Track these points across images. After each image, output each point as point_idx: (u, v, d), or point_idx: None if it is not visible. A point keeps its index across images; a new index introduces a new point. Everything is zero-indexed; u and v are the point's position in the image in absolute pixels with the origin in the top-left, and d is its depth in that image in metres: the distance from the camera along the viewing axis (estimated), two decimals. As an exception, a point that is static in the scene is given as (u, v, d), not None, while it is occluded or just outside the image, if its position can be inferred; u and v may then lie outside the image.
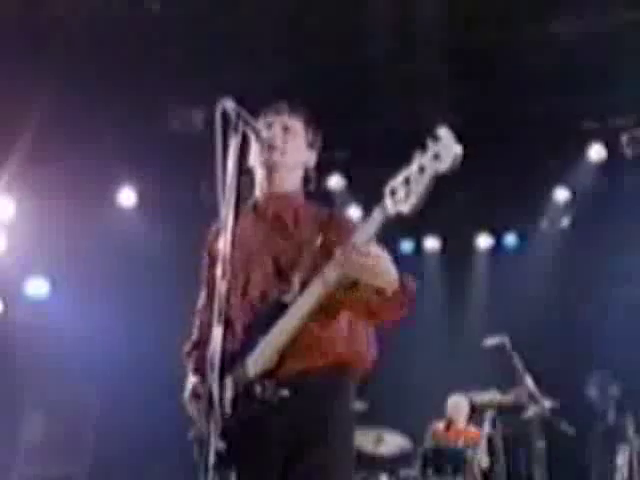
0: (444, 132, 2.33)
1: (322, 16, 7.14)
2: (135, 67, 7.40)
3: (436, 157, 2.32)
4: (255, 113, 2.96)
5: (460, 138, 2.30)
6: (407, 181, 2.38)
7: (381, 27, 7.13)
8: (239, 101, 2.80)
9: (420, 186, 2.36)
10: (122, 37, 7.18)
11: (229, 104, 2.77)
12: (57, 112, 7.48)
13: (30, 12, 6.95)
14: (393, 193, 2.41)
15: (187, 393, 3.07)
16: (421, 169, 2.35)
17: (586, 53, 7.19)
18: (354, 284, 2.67)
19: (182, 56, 7.33)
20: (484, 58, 7.53)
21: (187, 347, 3.25)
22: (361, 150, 8.28)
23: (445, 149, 2.31)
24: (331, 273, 2.63)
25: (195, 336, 3.25)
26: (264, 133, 2.99)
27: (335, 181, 8.93)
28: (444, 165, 2.31)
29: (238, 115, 2.78)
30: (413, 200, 2.38)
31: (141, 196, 9.22)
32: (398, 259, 2.66)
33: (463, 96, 7.73)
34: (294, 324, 2.72)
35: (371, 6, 6.99)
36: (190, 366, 3.16)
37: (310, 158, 3.20)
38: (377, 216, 2.50)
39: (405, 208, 2.39)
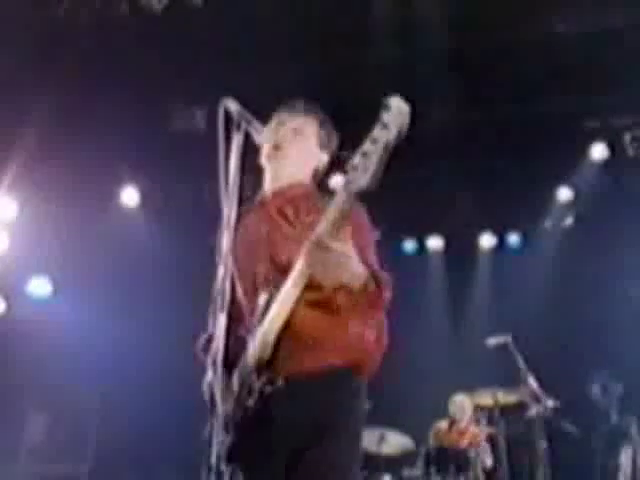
0: (394, 101, 2.31)
1: (323, 17, 7.14)
2: (137, 67, 7.41)
3: (385, 126, 2.30)
4: (256, 113, 2.96)
5: (463, 138, 2.30)
6: (364, 155, 2.34)
7: (382, 28, 7.13)
8: (241, 101, 2.81)
9: (373, 158, 2.31)
10: (124, 37, 7.18)
11: (231, 104, 2.78)
12: (59, 112, 7.48)
13: (32, 12, 6.96)
14: (354, 170, 2.37)
15: (205, 386, 3.06)
16: (374, 140, 2.32)
17: (587, 52, 7.19)
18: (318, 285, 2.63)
19: (184, 56, 7.32)
20: (486, 58, 7.52)
21: (201, 343, 3.23)
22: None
23: (393, 118, 2.29)
24: (304, 264, 2.60)
25: (211, 332, 3.23)
26: (265, 133, 2.99)
27: (337, 180, 8.93)
28: (391, 133, 2.28)
29: (240, 115, 2.79)
30: (370, 173, 2.32)
31: (144, 196, 9.22)
32: (401, 259, 2.66)
33: (465, 96, 7.73)
34: (281, 313, 2.71)
35: (372, 7, 6.99)
36: (207, 361, 3.15)
37: (321, 159, 3.19)
38: (340, 196, 2.45)
39: (363, 181, 2.34)
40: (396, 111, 2.29)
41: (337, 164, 3.28)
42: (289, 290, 2.68)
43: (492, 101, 7.98)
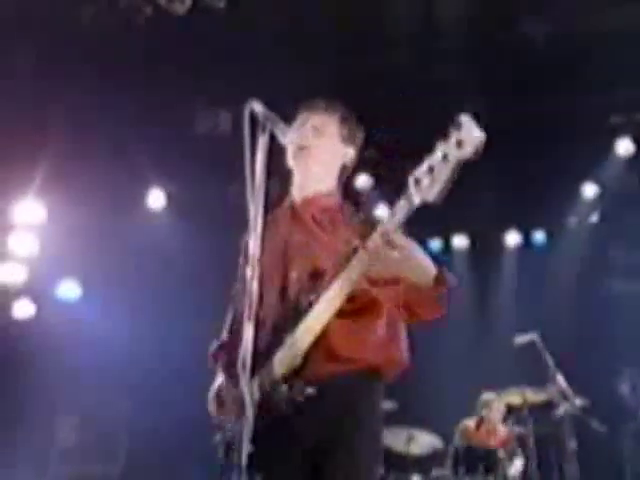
0: (466, 119, 2.29)
1: (345, 18, 7.15)
2: (164, 69, 7.45)
3: (459, 144, 2.28)
4: (282, 115, 2.97)
5: (487, 136, 2.29)
6: (431, 169, 2.35)
7: (399, 29, 7.18)
8: (267, 103, 2.82)
9: (444, 173, 2.32)
10: (149, 40, 7.23)
11: (257, 106, 2.79)
12: (86, 115, 7.55)
13: (58, 17, 7.01)
14: (417, 182, 2.39)
15: (211, 393, 3.10)
16: (445, 156, 2.31)
17: (611, 48, 7.15)
18: (391, 280, 2.67)
19: (209, 58, 7.36)
20: (508, 54, 7.51)
21: (213, 348, 3.26)
22: (388, 150, 8.28)
23: (468, 135, 2.27)
24: (354, 269, 2.63)
25: (224, 337, 3.27)
26: (290, 135, 3.00)
27: (363, 180, 8.96)
28: (467, 151, 2.28)
29: (265, 116, 2.80)
30: (438, 188, 2.34)
31: (170, 198, 9.28)
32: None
33: (489, 95, 7.70)
34: (319, 322, 2.73)
35: (393, 11, 7.03)
36: (217, 367, 3.19)
37: (346, 154, 3.20)
38: (402, 206, 2.47)
39: (430, 196, 2.36)
40: (470, 129, 2.28)
41: (362, 164, 3.29)
42: (331, 299, 2.70)
43: (516, 99, 7.95)
